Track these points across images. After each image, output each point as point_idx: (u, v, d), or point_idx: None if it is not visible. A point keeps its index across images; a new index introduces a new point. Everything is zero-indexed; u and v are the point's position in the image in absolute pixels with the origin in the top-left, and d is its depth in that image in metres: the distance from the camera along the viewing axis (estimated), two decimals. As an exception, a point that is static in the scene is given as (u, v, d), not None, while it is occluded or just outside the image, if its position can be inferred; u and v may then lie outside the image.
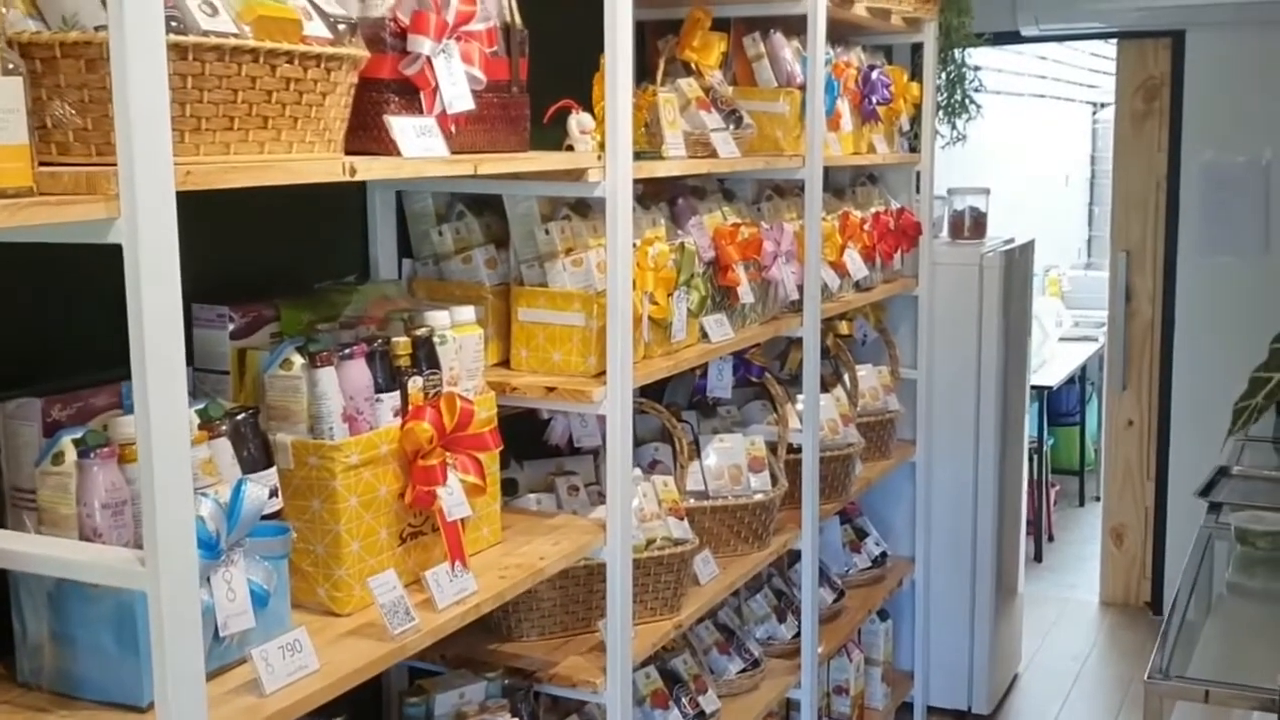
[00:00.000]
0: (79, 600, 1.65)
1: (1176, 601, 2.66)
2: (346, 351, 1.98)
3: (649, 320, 2.55)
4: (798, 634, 3.51)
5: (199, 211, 1.55)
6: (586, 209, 2.62)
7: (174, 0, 1.52)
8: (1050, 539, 6.47)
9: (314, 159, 1.73)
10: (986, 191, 4.35)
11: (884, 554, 4.14)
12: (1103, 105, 8.77)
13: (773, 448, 3.25)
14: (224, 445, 1.81)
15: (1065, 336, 6.95)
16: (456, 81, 2.01)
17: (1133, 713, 4.53)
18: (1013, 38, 5.05)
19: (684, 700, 2.97)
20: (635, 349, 2.48)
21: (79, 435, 1.65)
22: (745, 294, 2.92)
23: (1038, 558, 6.18)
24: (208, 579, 1.64)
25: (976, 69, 4.35)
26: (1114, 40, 5.36)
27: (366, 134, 1.93)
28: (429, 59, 1.96)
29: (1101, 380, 7.20)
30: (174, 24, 1.51)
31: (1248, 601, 2.87)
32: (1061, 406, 6.99)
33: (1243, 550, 2.93)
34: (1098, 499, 6.94)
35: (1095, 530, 6.19)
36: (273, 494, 1.85)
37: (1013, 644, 4.79)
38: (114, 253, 1.36)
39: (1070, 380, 6.66)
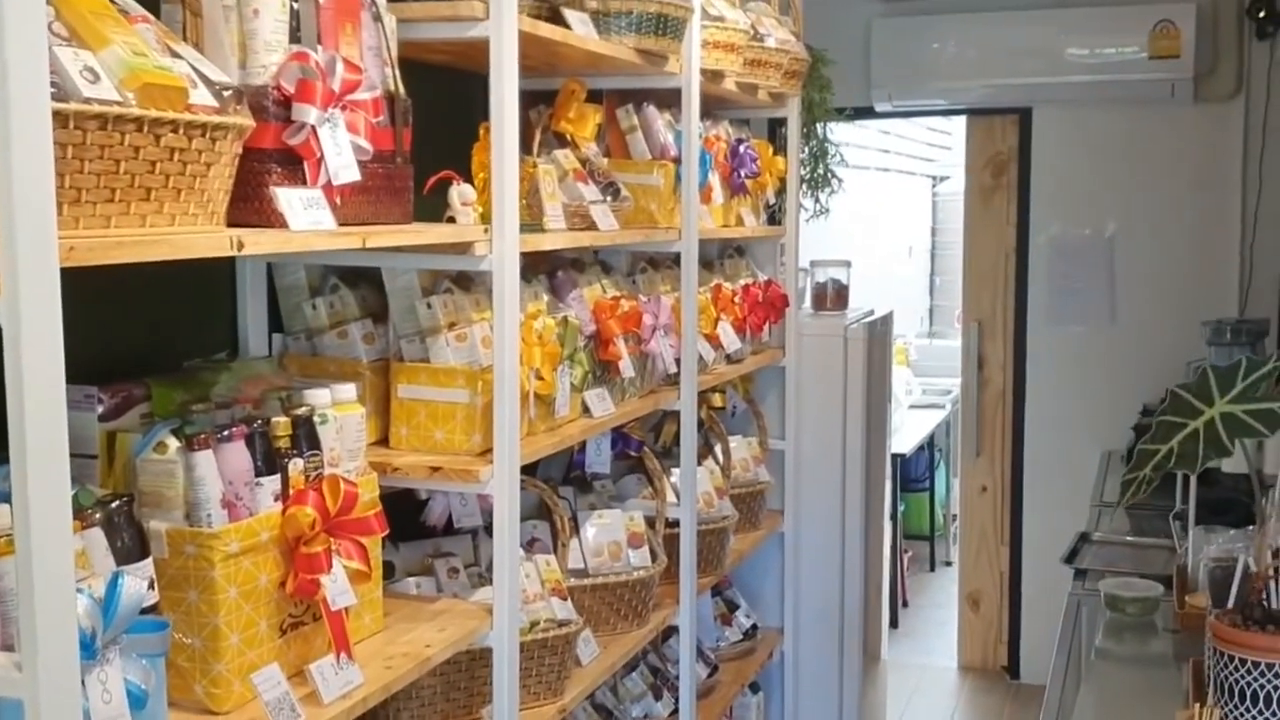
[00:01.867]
0: (-63, 711, 1.51)
1: (1055, 669, 2.69)
2: (225, 434, 1.88)
3: (534, 396, 2.50)
4: (674, 711, 3.45)
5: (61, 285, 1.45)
6: (468, 282, 2.57)
7: (54, 65, 1.43)
8: (905, 604, 6.55)
9: (200, 232, 1.64)
10: (848, 264, 4.42)
11: (754, 626, 4.12)
12: (942, 178, 9.06)
13: (650, 522, 3.21)
14: (97, 535, 1.69)
15: (915, 404, 7.10)
16: (342, 151, 1.94)
17: (996, 777, 4.59)
18: (867, 113, 5.17)
19: (565, 785, 2.88)
20: (520, 426, 2.42)
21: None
22: (626, 368, 2.89)
23: (894, 624, 6.24)
24: (82, 682, 1.52)
25: (837, 145, 4.43)
26: (963, 116, 5.52)
27: (248, 205, 1.84)
28: (314, 128, 1.88)
29: (949, 446, 7.37)
30: (54, 90, 1.41)
31: (1119, 667, 2.91)
32: (911, 473, 7.12)
33: (1112, 616, 2.99)
34: (948, 564, 7.09)
35: (948, 595, 6.29)
36: (150, 585, 1.73)
37: (878, 712, 4.80)
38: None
39: (920, 447, 6.79)
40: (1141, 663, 2.92)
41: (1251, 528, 2.40)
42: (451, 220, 2.31)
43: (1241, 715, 1.95)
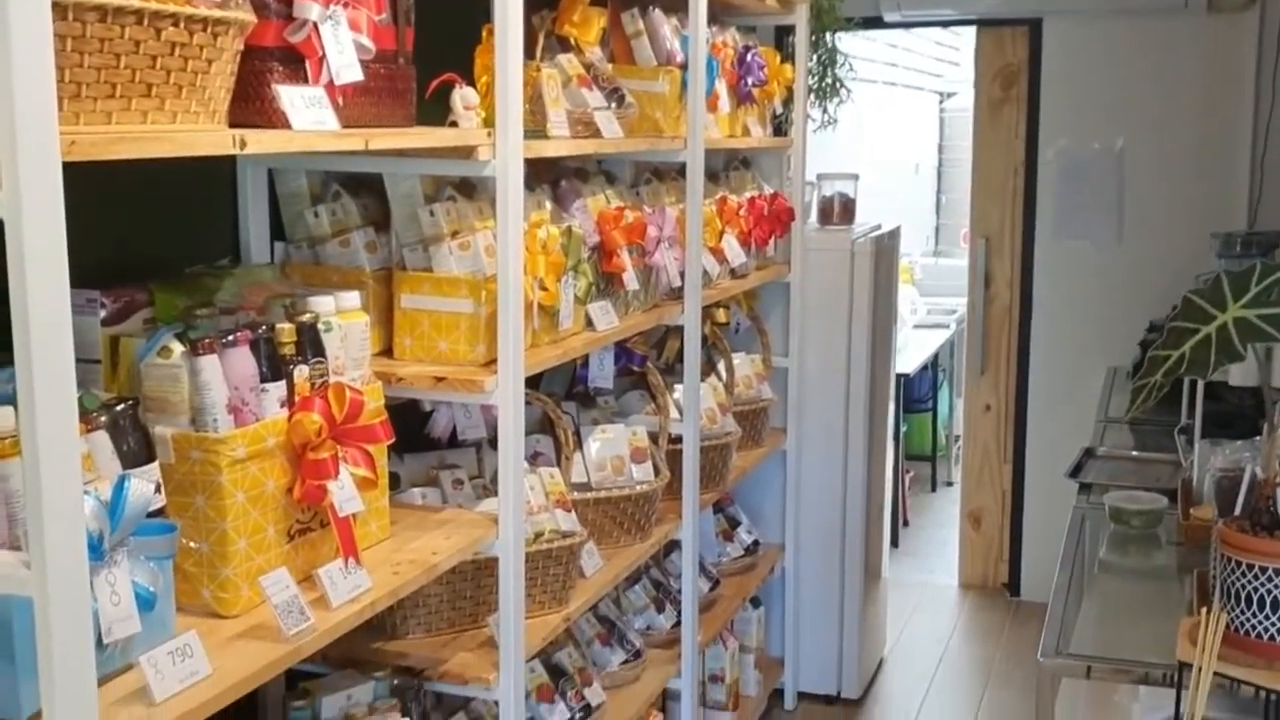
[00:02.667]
0: (-54, 611, 1.51)
1: (1059, 582, 2.70)
2: (230, 339, 1.87)
3: (538, 307, 2.48)
4: (676, 623, 3.48)
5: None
6: (471, 189, 2.53)
7: (50, -46, 1.39)
8: (906, 524, 6.57)
9: (202, 130, 1.61)
10: (855, 177, 4.37)
11: (756, 542, 4.14)
12: (950, 95, 8.96)
13: (654, 438, 3.20)
14: (102, 439, 1.68)
15: (919, 324, 7.07)
16: (344, 50, 1.90)
17: (995, 692, 4.63)
18: (876, 23, 5.10)
19: (569, 694, 2.91)
20: (524, 337, 2.40)
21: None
22: (630, 281, 2.87)
23: (894, 543, 6.26)
24: (90, 583, 1.51)
25: (846, 55, 4.37)
26: (973, 28, 5.43)
27: (249, 105, 1.81)
28: (316, 25, 1.85)
29: (953, 367, 7.36)
30: (51, -20, 1.38)
31: (1122, 579, 2.92)
32: (915, 393, 7.11)
33: (1116, 529, 2.99)
34: (949, 484, 7.11)
35: (949, 515, 6.31)
36: (157, 489, 1.72)
37: (879, 629, 4.84)
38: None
39: (924, 367, 6.78)
40: (1145, 575, 2.93)
41: (1258, 438, 2.39)
42: (453, 125, 2.28)
43: (1247, 620, 1.96)
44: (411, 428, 2.76)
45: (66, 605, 1.30)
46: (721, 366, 3.81)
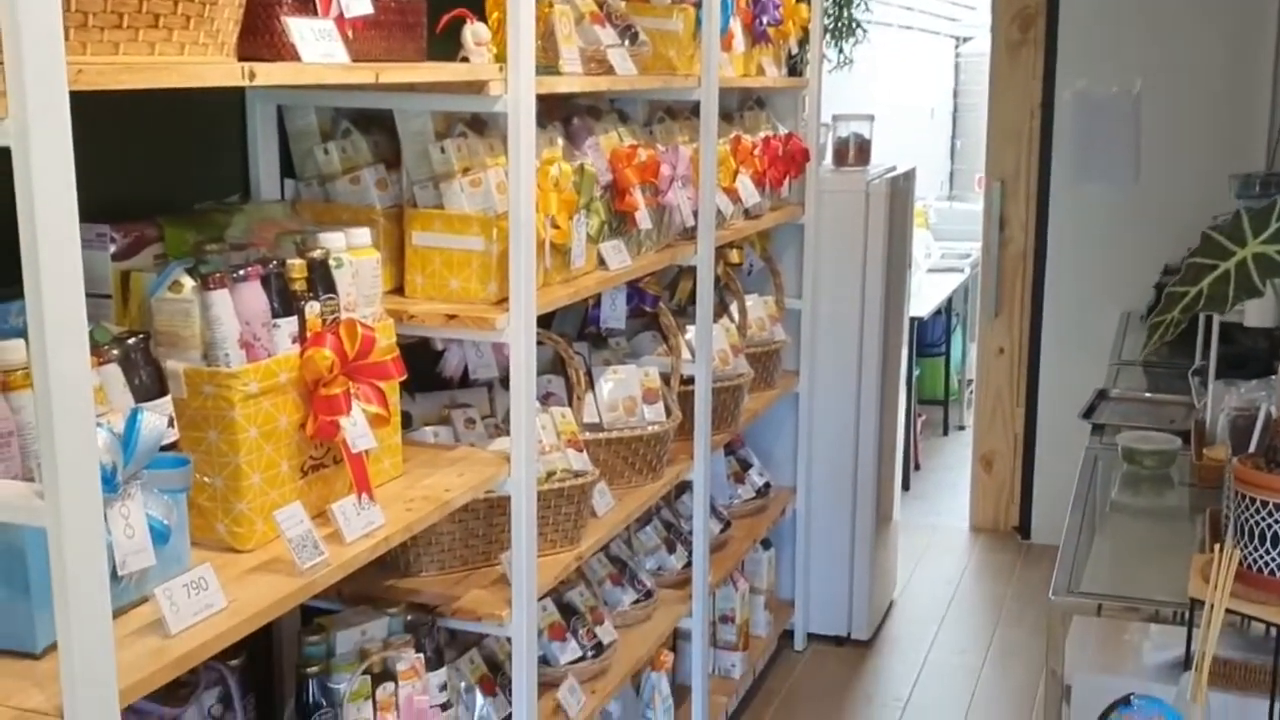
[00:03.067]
0: (-41, 543, 1.52)
1: (1070, 522, 2.70)
2: (240, 273, 1.86)
3: (550, 245, 2.46)
4: (687, 564, 3.49)
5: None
6: (482, 126, 2.52)
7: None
8: (917, 467, 6.57)
9: (210, 62, 1.60)
10: (871, 118, 4.33)
11: (767, 484, 4.14)
12: (965, 39, 8.87)
13: (665, 379, 3.20)
14: (114, 372, 1.68)
15: (933, 268, 7.04)
16: (355, -17, 1.88)
17: (1005, 632, 4.65)
18: (891, -36, 5.04)
19: (581, 632, 2.92)
20: (536, 275, 2.39)
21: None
22: (643, 220, 2.85)
23: (905, 486, 6.26)
24: (104, 515, 1.52)
25: (862, -7, 4.32)
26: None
27: (258, 38, 1.79)
28: (326, -42, 1.83)
29: (966, 311, 7.34)
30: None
31: (1134, 519, 2.92)
32: (928, 337, 7.09)
33: (1129, 470, 2.99)
34: (961, 428, 7.11)
35: (960, 459, 6.31)
36: (170, 423, 1.72)
37: (889, 571, 4.85)
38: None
39: (937, 311, 6.76)
40: (1157, 515, 2.93)
41: (1273, 377, 2.38)
42: (465, 61, 2.26)
43: (1260, 557, 1.96)
44: (423, 367, 2.76)
45: (80, 536, 1.31)
46: (734, 308, 3.80)
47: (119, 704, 1.39)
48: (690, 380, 3.32)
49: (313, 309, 1.97)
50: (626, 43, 2.79)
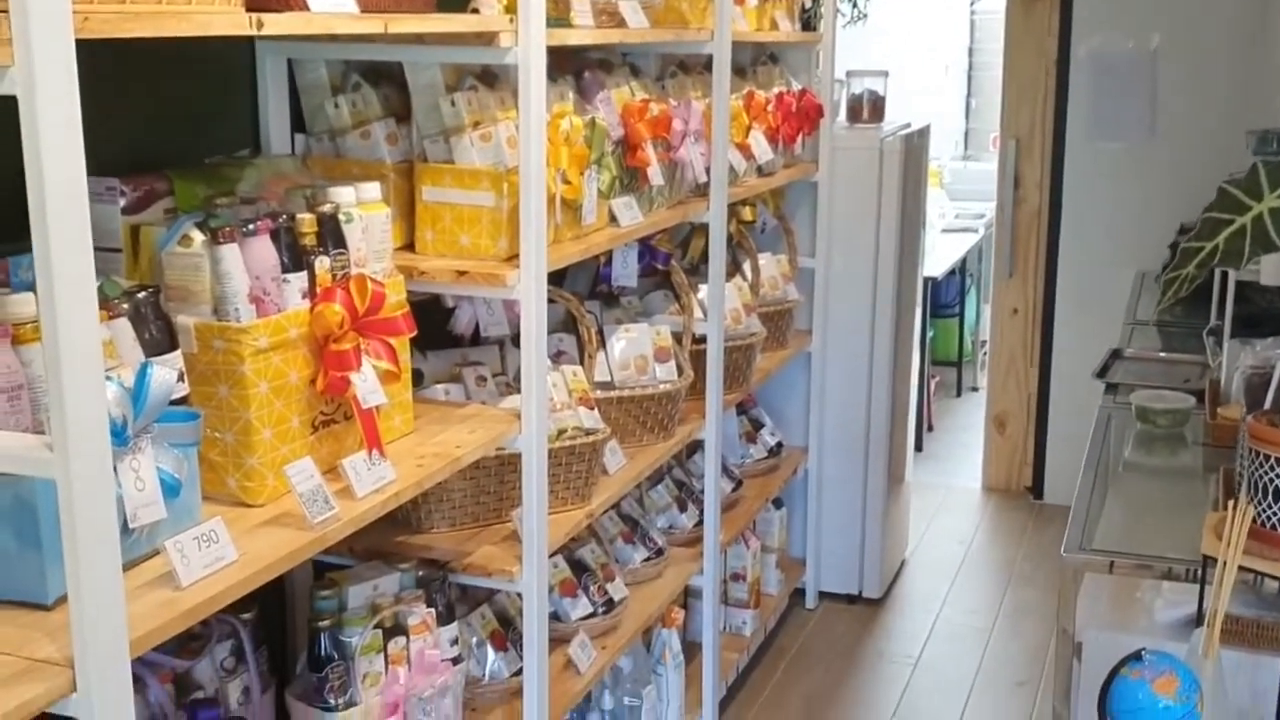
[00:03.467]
0: (-31, 495, 1.52)
1: (1084, 480, 2.69)
2: (250, 228, 1.86)
3: (561, 201, 2.45)
4: (698, 523, 3.49)
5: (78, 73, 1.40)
6: (492, 79, 2.50)
7: None
8: (930, 428, 6.56)
9: (217, 11, 1.58)
10: (885, 74, 4.29)
11: (779, 444, 4.14)
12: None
13: (677, 338, 3.19)
14: (124, 326, 1.68)
15: (947, 228, 7.00)
16: (363, -66, 1.86)
17: (1017, 591, 4.65)
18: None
19: (592, 589, 2.93)
20: (547, 231, 2.38)
21: (-37, 317, 1.51)
22: (655, 175, 2.83)
23: (918, 447, 6.26)
24: (114, 468, 1.52)
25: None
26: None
27: (267, -11, 1.78)
28: (334, -92, 1.81)
29: (980, 272, 7.30)
30: None
31: (1147, 478, 2.91)
32: (942, 298, 7.06)
33: (1143, 428, 2.98)
34: (975, 389, 7.09)
35: (973, 419, 6.30)
36: (180, 378, 1.72)
37: (901, 530, 4.85)
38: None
39: (951, 271, 6.73)
40: (1171, 474, 2.92)
41: (1290, 336, 2.36)
42: (475, 13, 2.24)
43: (1274, 514, 1.95)
44: (434, 325, 2.76)
45: (89, 488, 1.30)
46: (747, 266, 3.78)
47: (129, 654, 1.39)
48: (702, 339, 3.31)
49: (323, 264, 1.96)
50: (638, -4, 2.76)
